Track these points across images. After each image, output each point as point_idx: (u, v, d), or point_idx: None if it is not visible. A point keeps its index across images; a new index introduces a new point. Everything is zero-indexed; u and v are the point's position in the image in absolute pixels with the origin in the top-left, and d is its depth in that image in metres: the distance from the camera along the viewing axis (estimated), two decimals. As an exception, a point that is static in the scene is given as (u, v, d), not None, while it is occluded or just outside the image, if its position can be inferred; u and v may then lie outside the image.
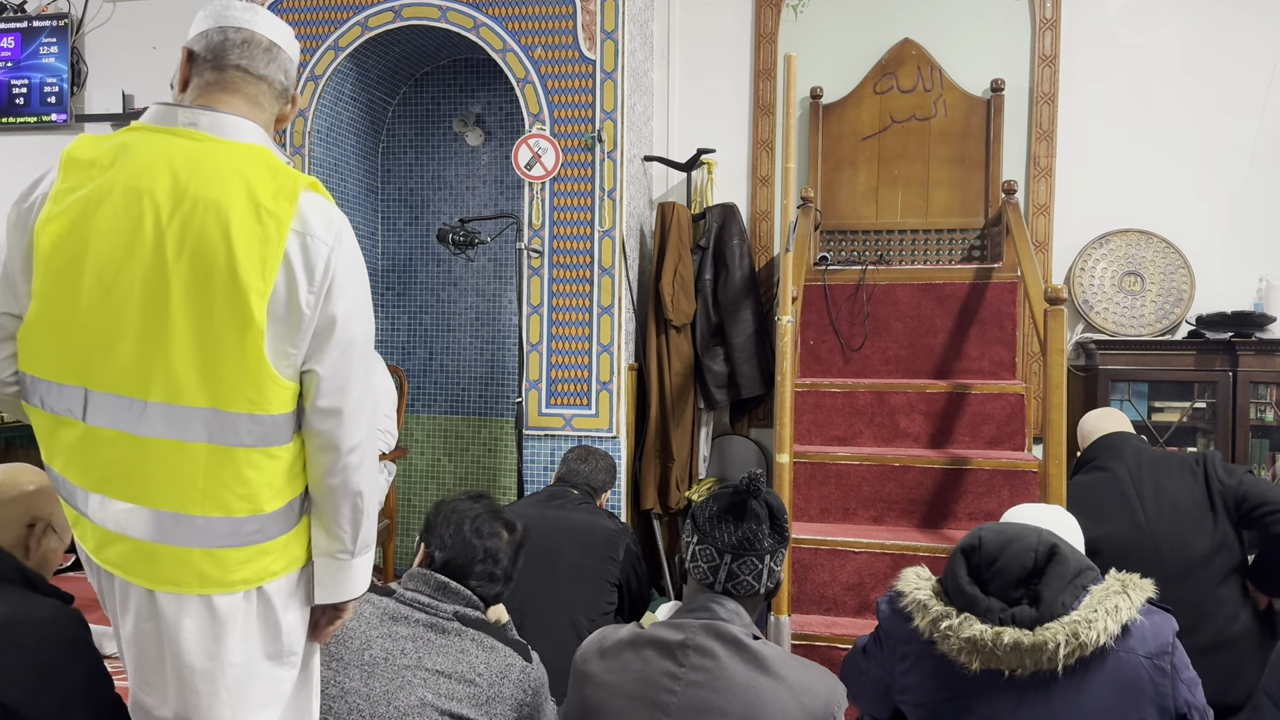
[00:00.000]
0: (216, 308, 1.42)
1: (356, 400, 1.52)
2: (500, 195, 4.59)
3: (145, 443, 1.45)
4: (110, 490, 1.46)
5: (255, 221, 1.43)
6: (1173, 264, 4.07)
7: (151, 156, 1.46)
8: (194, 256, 1.42)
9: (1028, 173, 4.19)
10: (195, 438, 1.44)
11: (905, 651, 1.83)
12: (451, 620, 1.85)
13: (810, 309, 3.98)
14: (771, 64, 4.40)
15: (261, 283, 1.42)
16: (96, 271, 1.43)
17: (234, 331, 1.42)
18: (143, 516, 1.45)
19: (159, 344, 1.43)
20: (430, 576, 1.90)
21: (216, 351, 1.43)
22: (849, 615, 3.21)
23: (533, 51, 3.82)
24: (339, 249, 1.49)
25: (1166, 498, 2.61)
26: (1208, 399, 3.85)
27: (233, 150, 1.49)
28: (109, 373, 1.44)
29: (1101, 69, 4.17)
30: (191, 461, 1.45)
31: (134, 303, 1.43)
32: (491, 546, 1.95)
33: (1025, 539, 1.76)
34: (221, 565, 1.47)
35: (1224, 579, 2.53)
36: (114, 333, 1.44)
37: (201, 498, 1.45)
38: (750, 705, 1.58)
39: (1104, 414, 2.98)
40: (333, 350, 1.49)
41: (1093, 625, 1.64)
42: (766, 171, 4.41)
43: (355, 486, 1.54)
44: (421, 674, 1.77)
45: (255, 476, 1.48)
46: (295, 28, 4.02)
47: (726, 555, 1.72)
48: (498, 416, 4.55)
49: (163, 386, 1.43)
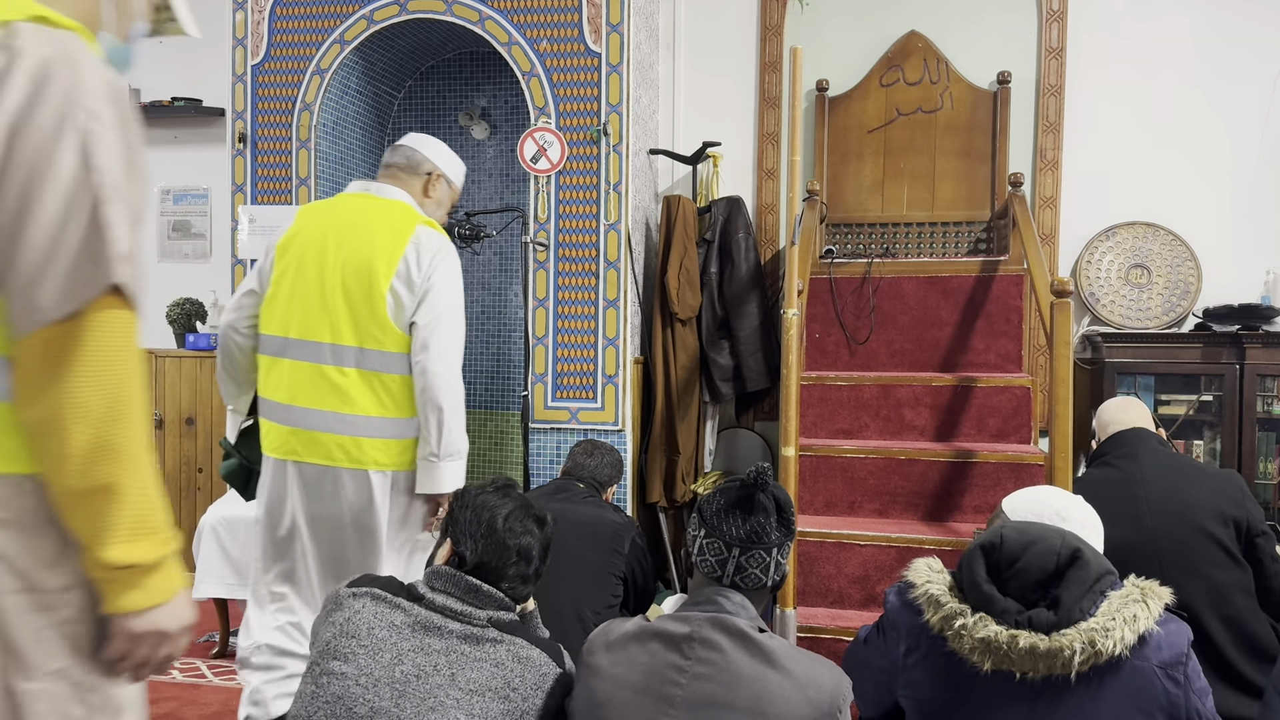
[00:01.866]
0: (360, 286, 2.43)
1: (441, 341, 2.42)
2: (506, 189, 4.59)
3: (323, 370, 2.43)
4: (297, 400, 2.43)
5: (388, 237, 2.47)
6: (1180, 257, 4.06)
7: (339, 204, 2.59)
8: (351, 258, 2.45)
9: (1034, 165, 4.18)
10: (349, 365, 2.43)
11: (911, 645, 1.82)
12: (487, 628, 1.76)
13: (816, 302, 3.98)
14: (777, 57, 4.39)
15: (387, 269, 2.42)
16: (298, 269, 2.47)
17: (369, 300, 2.42)
18: (316, 415, 2.42)
19: (329, 307, 2.43)
20: (460, 579, 1.79)
21: (359, 310, 2.42)
22: (854, 608, 3.21)
23: (538, 45, 3.82)
24: (437, 254, 2.46)
25: (1176, 504, 2.55)
26: (1214, 392, 3.84)
27: (374, 206, 2.56)
28: (300, 326, 2.45)
29: (1108, 61, 4.15)
30: (347, 379, 2.42)
31: (317, 285, 2.45)
32: (525, 545, 1.84)
33: (1048, 540, 1.72)
34: (359, 449, 2.41)
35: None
36: (305, 302, 2.45)
37: (361, 406, 2.41)
38: (756, 698, 1.59)
39: (1124, 404, 2.90)
40: (427, 311, 2.42)
41: (1110, 634, 1.62)
42: (772, 164, 4.41)
43: (438, 401, 2.41)
44: (455, 694, 1.69)
45: (384, 393, 2.43)
46: (301, 21, 4.04)
47: (735, 549, 1.72)
48: (504, 410, 4.56)
49: (330, 333, 2.42)
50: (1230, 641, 2.49)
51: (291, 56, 4.07)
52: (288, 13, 4.05)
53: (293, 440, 2.46)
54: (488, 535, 1.81)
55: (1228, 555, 2.52)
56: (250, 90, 4.12)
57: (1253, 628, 2.51)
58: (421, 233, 2.48)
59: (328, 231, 2.49)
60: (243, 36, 4.11)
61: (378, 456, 2.44)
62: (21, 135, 1.12)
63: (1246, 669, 2.48)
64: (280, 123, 4.09)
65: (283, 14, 4.05)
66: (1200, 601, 2.47)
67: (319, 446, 2.43)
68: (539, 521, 1.89)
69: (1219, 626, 2.49)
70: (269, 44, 4.08)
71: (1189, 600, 2.40)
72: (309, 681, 1.72)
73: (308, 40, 4.04)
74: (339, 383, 2.42)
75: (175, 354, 4.54)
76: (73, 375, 1.14)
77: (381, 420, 2.44)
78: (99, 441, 1.15)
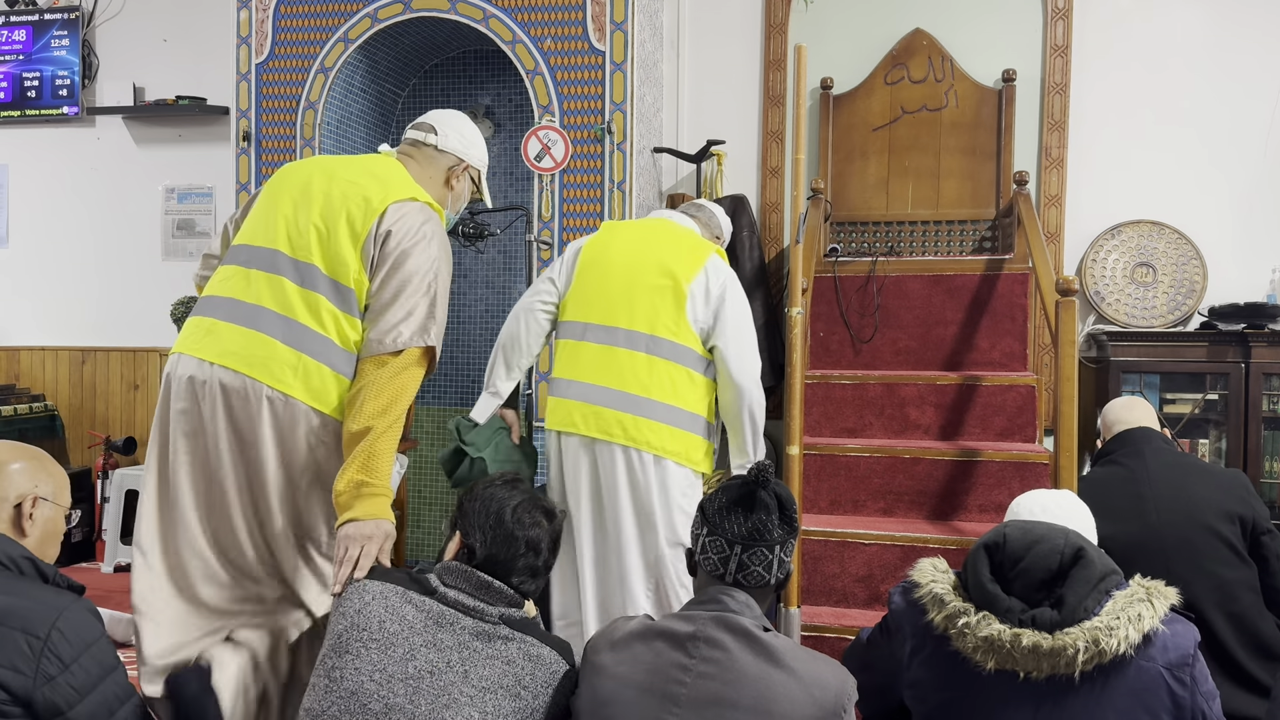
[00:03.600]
0: (659, 286, 2.61)
1: (739, 352, 2.61)
2: (510, 187, 4.59)
3: (615, 351, 2.59)
4: (592, 379, 2.59)
5: (688, 254, 2.68)
6: (1185, 255, 4.05)
7: (643, 223, 2.88)
8: (654, 266, 2.64)
9: (1039, 163, 4.17)
10: (639, 349, 2.57)
11: (916, 645, 1.82)
12: (498, 625, 1.75)
13: (820, 301, 3.97)
14: (782, 55, 4.39)
15: (688, 279, 2.61)
16: (602, 272, 2.68)
17: (668, 296, 2.60)
18: (606, 393, 2.57)
19: (626, 299, 2.61)
20: (471, 574, 1.78)
21: (656, 304, 2.60)
22: (859, 607, 3.21)
23: (542, 43, 3.82)
24: (726, 281, 2.65)
25: (1182, 502, 2.55)
26: (1220, 391, 3.83)
27: (676, 230, 2.80)
28: (599, 314, 2.63)
29: (1114, 59, 4.14)
30: (637, 362, 2.57)
31: (620, 284, 2.64)
32: (534, 537, 1.83)
33: (1052, 540, 1.72)
34: (638, 429, 2.54)
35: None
36: (605, 296, 2.64)
37: (643, 386, 2.55)
38: (760, 697, 1.59)
39: (1129, 404, 2.91)
40: (724, 326, 2.61)
41: (1114, 633, 1.62)
42: (776, 163, 4.40)
43: (753, 410, 2.63)
44: (469, 691, 1.68)
45: (671, 381, 2.57)
46: (305, 20, 4.04)
47: (736, 546, 1.72)
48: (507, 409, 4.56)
49: (626, 320, 2.60)
50: (1236, 640, 2.49)
51: (296, 55, 4.07)
52: (292, 11, 4.05)
53: (582, 414, 2.60)
54: (496, 527, 1.81)
55: (1234, 553, 2.52)
56: (254, 89, 4.12)
57: (1258, 625, 2.51)
58: (707, 262, 2.68)
59: (631, 241, 2.74)
60: (247, 35, 4.12)
61: (651, 438, 2.56)
62: (407, 255, 2.05)
63: (1252, 667, 2.48)
64: (284, 121, 4.10)
65: (287, 12, 4.06)
66: (1207, 599, 2.46)
67: (602, 421, 2.57)
68: (547, 514, 1.89)
69: (1225, 624, 2.48)
70: (273, 42, 4.08)
71: (1195, 598, 2.40)
72: (321, 675, 1.71)
73: (312, 38, 4.04)
74: (628, 364, 2.57)
75: (180, 352, 4.54)
76: (385, 377, 2.00)
77: (662, 405, 2.57)
78: (375, 412, 1.96)
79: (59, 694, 1.61)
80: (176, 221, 5.02)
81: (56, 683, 1.61)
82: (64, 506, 1.89)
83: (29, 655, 1.59)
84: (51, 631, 1.62)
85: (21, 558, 1.75)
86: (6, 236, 5.23)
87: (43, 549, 1.84)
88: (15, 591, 1.67)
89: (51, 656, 1.61)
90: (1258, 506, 2.58)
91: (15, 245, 5.22)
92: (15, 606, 1.63)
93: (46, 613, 1.64)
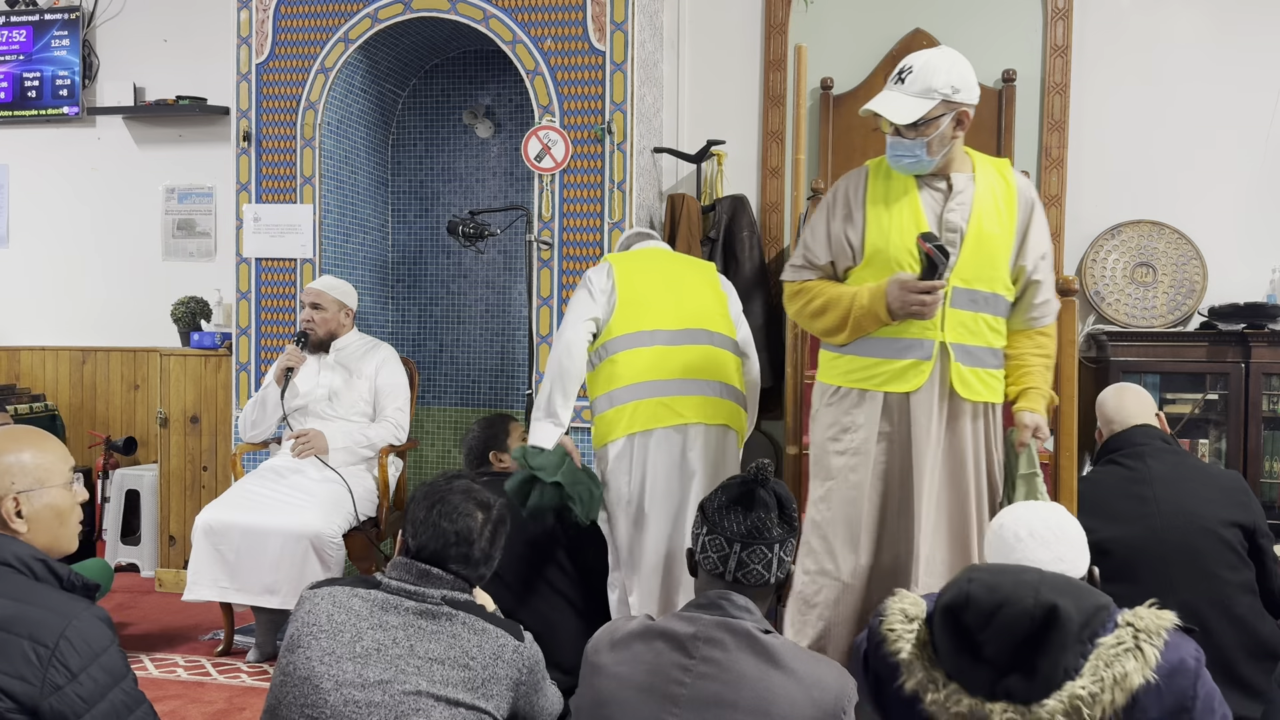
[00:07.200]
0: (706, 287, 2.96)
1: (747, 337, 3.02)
2: (510, 187, 4.59)
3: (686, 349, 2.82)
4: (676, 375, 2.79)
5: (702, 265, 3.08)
6: (1185, 255, 4.05)
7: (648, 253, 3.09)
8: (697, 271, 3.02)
9: (1039, 163, 4.17)
10: (700, 343, 2.83)
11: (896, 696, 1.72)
12: (441, 605, 1.84)
13: (820, 301, 3.96)
14: (782, 55, 4.39)
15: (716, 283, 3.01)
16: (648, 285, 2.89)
17: (712, 295, 2.95)
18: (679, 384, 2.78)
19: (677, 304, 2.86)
20: (412, 565, 1.89)
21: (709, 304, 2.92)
22: (859, 607, 3.20)
23: (542, 43, 3.82)
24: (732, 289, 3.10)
25: (1184, 505, 2.55)
26: (1220, 391, 3.83)
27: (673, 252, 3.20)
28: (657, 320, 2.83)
29: (1114, 59, 4.14)
30: (706, 354, 2.83)
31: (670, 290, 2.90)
32: (463, 529, 1.91)
33: (1020, 601, 1.56)
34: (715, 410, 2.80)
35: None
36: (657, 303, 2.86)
37: (718, 374, 2.83)
38: (760, 698, 1.59)
39: (1121, 393, 2.90)
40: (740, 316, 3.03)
41: (1098, 701, 1.51)
42: (777, 163, 4.40)
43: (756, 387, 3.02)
44: (415, 662, 1.77)
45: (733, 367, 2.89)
46: (305, 20, 4.05)
47: (735, 544, 1.72)
48: (508, 408, 4.56)
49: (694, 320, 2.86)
50: (1235, 642, 2.50)
51: (296, 55, 4.07)
52: (292, 11, 4.05)
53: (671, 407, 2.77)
54: (425, 521, 1.92)
55: (1236, 556, 2.53)
56: (255, 89, 4.12)
57: (1258, 627, 2.51)
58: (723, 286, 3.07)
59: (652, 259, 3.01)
60: (247, 35, 4.12)
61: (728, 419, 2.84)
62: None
63: (1247, 669, 2.48)
64: (285, 121, 4.10)
65: (287, 12, 4.06)
66: (1207, 602, 2.46)
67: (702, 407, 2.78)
68: (482, 506, 1.97)
69: (1226, 627, 2.49)
70: (273, 42, 4.09)
71: (1196, 600, 2.41)
72: (278, 672, 1.84)
73: (312, 39, 4.05)
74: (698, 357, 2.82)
75: (180, 352, 4.55)
76: None
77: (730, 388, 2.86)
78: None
79: (66, 704, 1.58)
80: (177, 221, 5.02)
81: (64, 692, 1.58)
82: (59, 483, 1.76)
83: (36, 665, 1.55)
84: (60, 641, 1.57)
85: (32, 559, 1.68)
86: (7, 236, 5.23)
87: (55, 538, 1.75)
88: (25, 597, 1.62)
89: (59, 666, 1.57)
90: (1256, 509, 2.59)
91: (15, 245, 5.22)
92: (23, 614, 1.59)
93: (55, 621, 1.59)
